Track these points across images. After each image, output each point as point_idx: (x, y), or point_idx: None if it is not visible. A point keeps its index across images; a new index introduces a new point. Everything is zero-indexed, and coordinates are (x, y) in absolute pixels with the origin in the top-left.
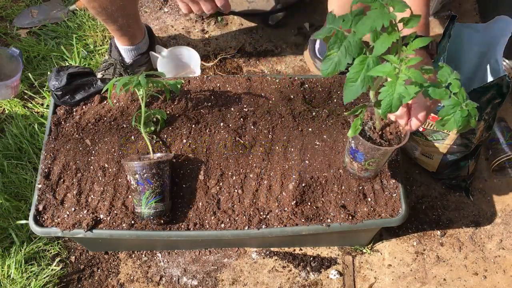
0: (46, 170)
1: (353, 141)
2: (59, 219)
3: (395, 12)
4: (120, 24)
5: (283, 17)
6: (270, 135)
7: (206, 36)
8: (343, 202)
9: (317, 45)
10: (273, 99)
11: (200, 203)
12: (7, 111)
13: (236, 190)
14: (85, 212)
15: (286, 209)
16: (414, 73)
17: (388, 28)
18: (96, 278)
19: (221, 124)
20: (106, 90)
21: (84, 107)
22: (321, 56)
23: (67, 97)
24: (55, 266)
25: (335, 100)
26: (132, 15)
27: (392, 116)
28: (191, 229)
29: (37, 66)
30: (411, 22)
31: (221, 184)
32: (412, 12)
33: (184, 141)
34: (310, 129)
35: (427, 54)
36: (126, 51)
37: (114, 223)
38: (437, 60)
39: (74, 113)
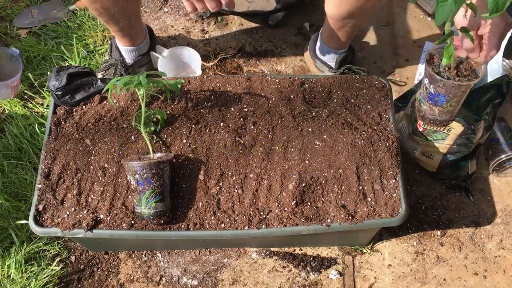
0: (46, 170)
1: (432, 86)
2: (59, 219)
3: None
4: (122, 25)
5: (283, 17)
6: (270, 135)
7: (206, 36)
8: (343, 202)
9: (317, 45)
10: (273, 99)
11: (200, 203)
12: (7, 111)
13: (236, 190)
14: (85, 212)
15: (286, 209)
16: None
17: None
18: (96, 278)
19: (221, 124)
20: (107, 90)
21: (84, 107)
22: (321, 56)
23: (67, 97)
24: (55, 266)
25: (335, 100)
26: (134, 15)
27: (463, 53)
28: (191, 229)
29: (37, 66)
30: None
31: (221, 184)
32: None
33: (184, 141)
34: (310, 129)
35: None
36: (127, 52)
37: (114, 223)
38: None
39: (74, 113)
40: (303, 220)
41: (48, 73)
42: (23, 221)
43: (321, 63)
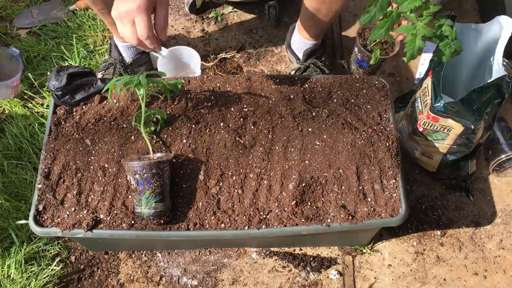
0: (46, 170)
1: (359, 54)
2: (59, 219)
3: None
4: None
5: (280, 11)
6: (270, 135)
7: (206, 36)
8: (343, 202)
9: (292, 35)
10: (273, 99)
11: (200, 203)
12: (7, 111)
13: (236, 190)
14: (85, 212)
15: (286, 209)
16: (427, 31)
17: None
18: (96, 278)
19: (221, 124)
20: (107, 90)
21: (84, 107)
22: (293, 45)
23: (67, 97)
24: (55, 266)
25: (335, 100)
26: None
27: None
28: (191, 229)
29: (37, 66)
30: None
31: (221, 184)
32: None
33: (184, 141)
34: (310, 129)
35: None
36: (125, 49)
37: (114, 223)
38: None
39: (74, 113)
40: (303, 220)
41: (48, 73)
42: (23, 221)
43: (291, 53)
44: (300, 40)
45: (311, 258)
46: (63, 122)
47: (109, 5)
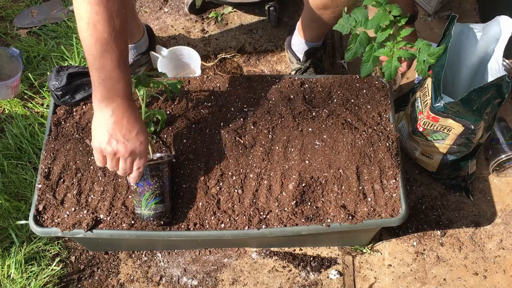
0: (46, 170)
1: None
2: (59, 219)
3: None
4: None
5: (279, 11)
6: (270, 135)
7: (206, 36)
8: (343, 202)
9: (292, 36)
10: (273, 99)
11: (200, 203)
12: (7, 111)
13: (236, 190)
14: (85, 212)
15: (286, 209)
16: (402, 53)
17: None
18: (96, 278)
19: (221, 124)
20: None
21: (84, 107)
22: (293, 46)
23: (67, 97)
24: (55, 266)
25: (335, 100)
26: (127, 6)
27: None
28: (191, 229)
29: (37, 66)
30: (401, 21)
31: (221, 184)
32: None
33: (184, 141)
34: (310, 129)
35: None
36: None
37: (114, 223)
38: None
39: (74, 113)
40: (303, 220)
41: (48, 73)
42: (23, 221)
43: (291, 54)
44: (301, 42)
45: (311, 258)
46: (63, 122)
47: None
